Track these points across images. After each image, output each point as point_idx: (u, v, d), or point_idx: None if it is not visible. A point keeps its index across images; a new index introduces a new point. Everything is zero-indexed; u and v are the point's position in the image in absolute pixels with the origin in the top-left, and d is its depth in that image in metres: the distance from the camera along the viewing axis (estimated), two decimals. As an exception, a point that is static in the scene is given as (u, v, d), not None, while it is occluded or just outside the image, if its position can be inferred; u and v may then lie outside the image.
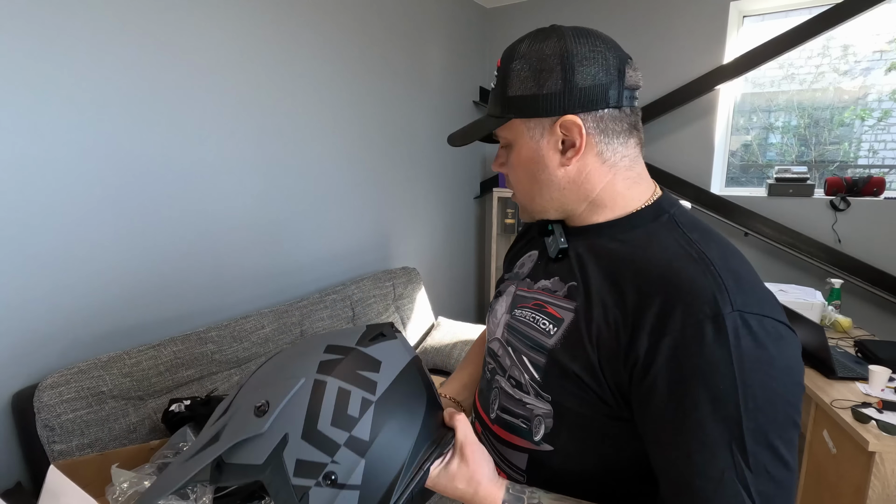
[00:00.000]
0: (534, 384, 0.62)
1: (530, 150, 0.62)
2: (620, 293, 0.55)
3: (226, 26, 1.79)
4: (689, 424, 0.48)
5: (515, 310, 0.69)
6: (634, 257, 0.57)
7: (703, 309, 0.48)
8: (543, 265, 0.69)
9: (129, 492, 1.14)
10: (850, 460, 1.43)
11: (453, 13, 3.09)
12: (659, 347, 0.49)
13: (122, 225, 1.56)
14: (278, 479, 0.48)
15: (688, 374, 0.48)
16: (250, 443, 0.49)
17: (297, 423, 0.49)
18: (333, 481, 0.48)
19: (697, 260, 0.53)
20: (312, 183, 2.23)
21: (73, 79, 1.40)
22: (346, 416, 0.49)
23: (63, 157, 1.41)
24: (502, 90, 0.62)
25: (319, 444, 0.48)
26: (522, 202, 0.68)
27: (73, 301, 1.46)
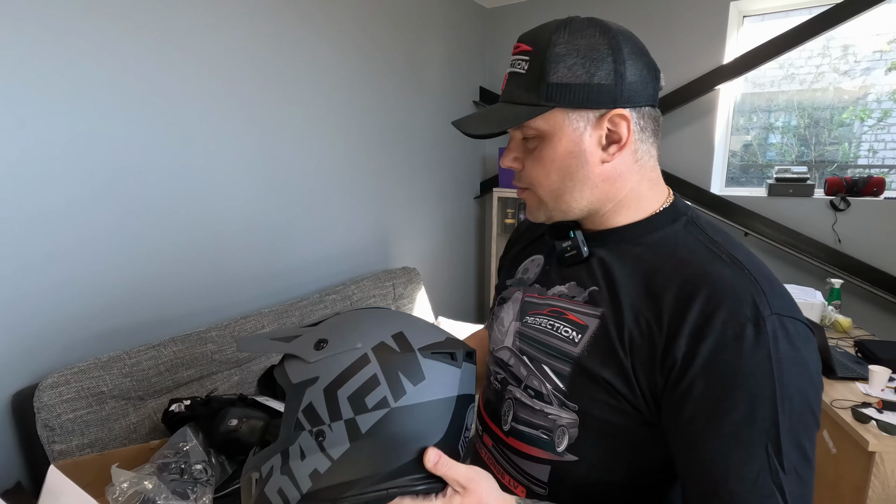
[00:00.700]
0: (558, 394, 0.59)
1: (571, 144, 0.57)
2: (655, 298, 0.54)
3: (225, 26, 1.79)
4: (727, 425, 0.48)
5: (527, 317, 0.66)
6: (665, 261, 0.56)
7: (743, 312, 0.48)
8: (556, 270, 0.66)
9: (129, 492, 1.14)
10: (850, 460, 1.43)
11: (453, 13, 3.09)
12: (698, 350, 0.49)
13: (122, 225, 1.56)
14: (294, 403, 0.53)
15: (728, 376, 0.48)
16: (299, 362, 0.54)
17: (328, 376, 0.53)
18: (321, 442, 0.52)
19: (731, 264, 0.53)
20: (312, 183, 2.23)
21: (73, 79, 1.40)
22: (361, 401, 0.52)
23: (63, 157, 1.41)
24: (539, 75, 0.56)
25: (329, 405, 0.52)
26: (546, 200, 0.61)
27: (73, 301, 1.46)
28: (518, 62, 0.58)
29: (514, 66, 0.59)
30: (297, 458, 0.52)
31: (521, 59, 0.58)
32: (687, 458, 0.51)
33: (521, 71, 0.58)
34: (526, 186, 0.63)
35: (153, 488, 1.15)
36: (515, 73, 0.58)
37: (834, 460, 1.51)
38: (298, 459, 0.52)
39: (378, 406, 0.51)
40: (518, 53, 0.59)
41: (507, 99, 0.59)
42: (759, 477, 0.47)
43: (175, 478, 1.23)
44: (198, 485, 1.23)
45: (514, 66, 0.59)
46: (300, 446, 0.52)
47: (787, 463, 0.47)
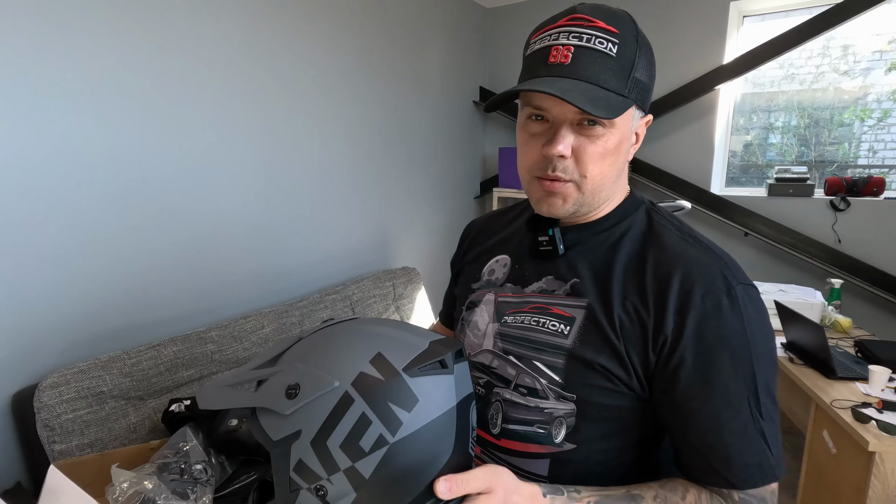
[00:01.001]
0: (554, 387, 0.60)
1: (625, 138, 0.58)
2: (637, 281, 0.58)
3: (225, 26, 1.79)
4: (716, 387, 0.54)
5: (506, 317, 0.66)
6: (639, 247, 0.61)
7: (717, 284, 0.55)
8: (531, 267, 0.67)
9: (129, 492, 1.14)
10: (850, 460, 1.43)
11: (453, 13, 3.09)
12: (685, 323, 0.54)
13: (122, 225, 1.56)
14: (282, 463, 0.48)
15: (712, 343, 0.54)
16: (273, 415, 0.49)
17: (312, 426, 0.48)
18: (322, 496, 0.48)
19: (695, 244, 0.60)
20: (312, 182, 2.23)
21: (72, 79, 1.40)
22: (356, 446, 0.47)
23: (63, 157, 1.41)
24: (629, 65, 0.54)
25: (322, 458, 0.47)
26: (587, 192, 0.59)
27: (73, 301, 1.46)
28: (599, 39, 0.53)
29: (589, 41, 0.53)
30: None
31: (605, 38, 0.53)
32: (684, 421, 0.56)
33: (609, 53, 0.53)
34: (571, 179, 0.58)
35: (153, 488, 1.15)
36: (599, 52, 0.53)
37: (834, 460, 1.51)
38: None
39: (376, 446, 0.47)
40: (593, 29, 0.53)
41: (591, 79, 0.53)
42: (746, 428, 0.53)
43: (175, 478, 1.22)
44: (198, 485, 1.23)
45: (590, 42, 0.53)
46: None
47: (764, 411, 0.54)
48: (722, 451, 0.54)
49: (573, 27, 0.54)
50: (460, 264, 0.82)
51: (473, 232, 0.83)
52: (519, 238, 0.72)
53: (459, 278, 0.81)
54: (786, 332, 1.97)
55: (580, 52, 0.53)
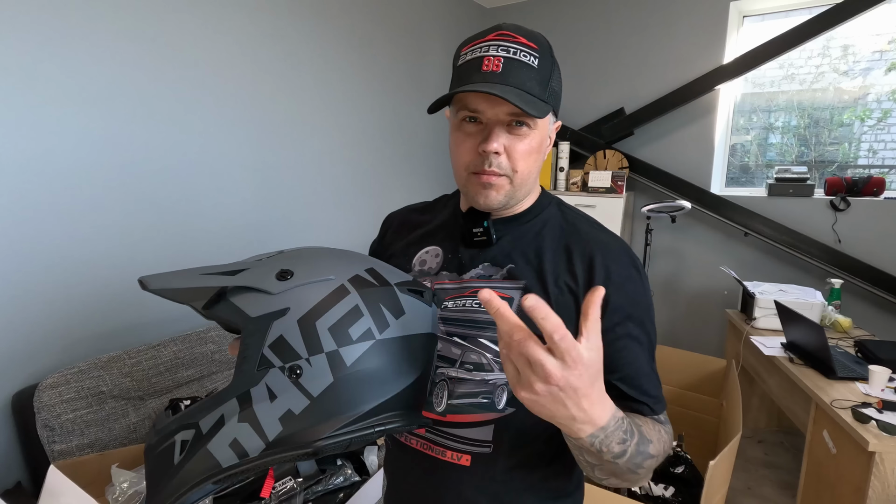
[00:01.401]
0: (498, 359, 0.67)
1: (544, 139, 0.68)
2: (567, 263, 0.69)
3: (224, 25, 1.79)
4: (635, 338, 0.67)
5: (445, 303, 0.72)
6: (562, 235, 0.72)
7: (625, 261, 0.69)
8: (467, 256, 0.74)
9: (129, 492, 1.14)
10: (850, 460, 1.43)
11: (453, 13, 3.09)
12: (609, 291, 0.64)
13: (122, 225, 1.56)
14: (256, 339, 0.47)
15: (631, 304, 0.67)
16: (256, 294, 0.49)
17: (302, 306, 0.48)
18: (296, 377, 0.47)
19: (603, 230, 0.73)
20: (312, 182, 2.23)
21: (73, 80, 1.40)
22: (344, 332, 0.48)
23: (62, 158, 1.41)
24: (547, 76, 0.64)
25: (307, 337, 0.47)
26: (517, 186, 0.68)
27: (73, 301, 1.46)
28: (524, 52, 0.62)
29: (515, 54, 0.62)
30: (263, 401, 0.46)
31: (528, 51, 0.62)
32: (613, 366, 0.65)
33: (531, 64, 0.62)
34: (504, 173, 0.66)
35: (153, 488, 1.15)
36: (524, 63, 0.62)
37: (834, 460, 1.51)
38: (266, 402, 0.46)
39: (363, 338, 0.49)
40: (518, 44, 0.62)
41: (520, 85, 0.62)
42: (651, 369, 0.69)
43: (175, 478, 1.22)
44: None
45: (517, 55, 0.62)
46: (267, 386, 0.46)
47: (654, 355, 0.70)
48: (642, 388, 0.67)
49: (501, 41, 0.63)
50: (385, 256, 0.85)
51: (394, 224, 0.87)
52: (448, 230, 0.79)
53: None
54: (786, 332, 1.97)
55: (509, 62, 0.62)
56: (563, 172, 2.99)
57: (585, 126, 3.14)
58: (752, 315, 2.27)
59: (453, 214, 0.79)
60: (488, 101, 0.62)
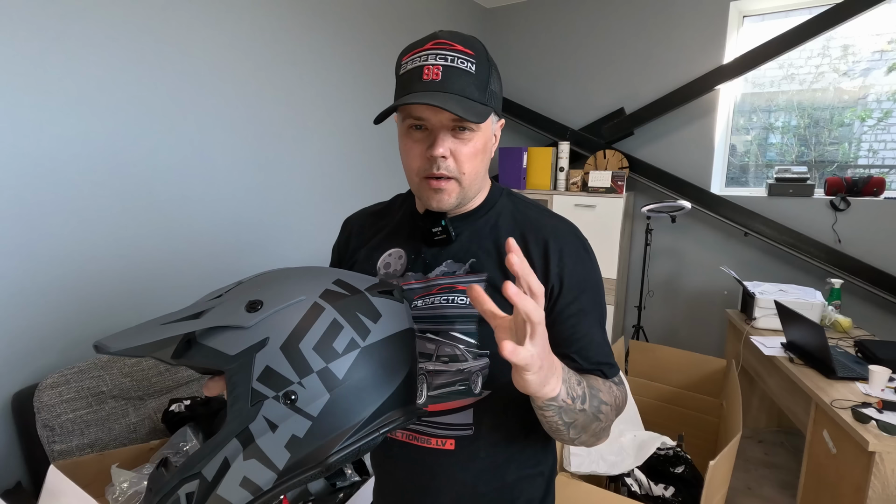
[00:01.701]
0: (471, 348, 0.72)
1: (488, 139, 0.72)
2: (524, 249, 0.73)
3: (224, 25, 1.79)
4: (586, 312, 0.73)
5: (415, 301, 0.76)
6: (514, 224, 0.76)
7: (574, 242, 0.75)
8: (429, 255, 0.77)
9: (129, 492, 1.14)
10: (850, 460, 1.43)
11: (453, 13, 3.09)
12: (563, 271, 0.72)
13: (122, 225, 1.56)
14: (242, 376, 0.47)
15: (582, 282, 0.73)
16: (230, 332, 0.48)
17: (281, 333, 0.48)
18: (292, 402, 0.47)
19: (552, 215, 0.78)
20: (311, 182, 2.23)
21: (73, 80, 1.40)
22: (329, 348, 0.49)
23: (63, 159, 1.41)
24: (486, 80, 0.67)
25: (294, 362, 0.47)
26: (466, 187, 0.72)
27: (73, 301, 1.46)
28: (461, 59, 0.66)
29: (453, 62, 0.65)
30: (265, 434, 0.46)
31: (465, 58, 0.66)
32: (569, 340, 0.71)
33: (469, 70, 0.66)
34: (452, 176, 0.69)
35: (153, 488, 1.15)
36: (463, 70, 0.66)
37: (834, 460, 1.51)
38: (268, 434, 0.46)
39: (349, 349, 0.50)
40: (455, 51, 0.66)
41: (459, 92, 0.65)
42: (602, 339, 0.74)
43: (175, 478, 1.22)
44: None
45: (454, 63, 0.65)
46: (265, 418, 0.46)
47: (604, 325, 0.75)
48: (595, 358, 0.72)
49: (439, 50, 0.65)
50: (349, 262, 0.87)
51: (354, 228, 0.91)
52: (407, 232, 0.81)
53: None
54: (786, 332, 1.97)
55: (448, 70, 0.65)
56: (563, 172, 2.98)
57: (585, 126, 3.14)
58: (752, 315, 2.27)
59: (410, 216, 0.83)
60: (431, 109, 0.65)
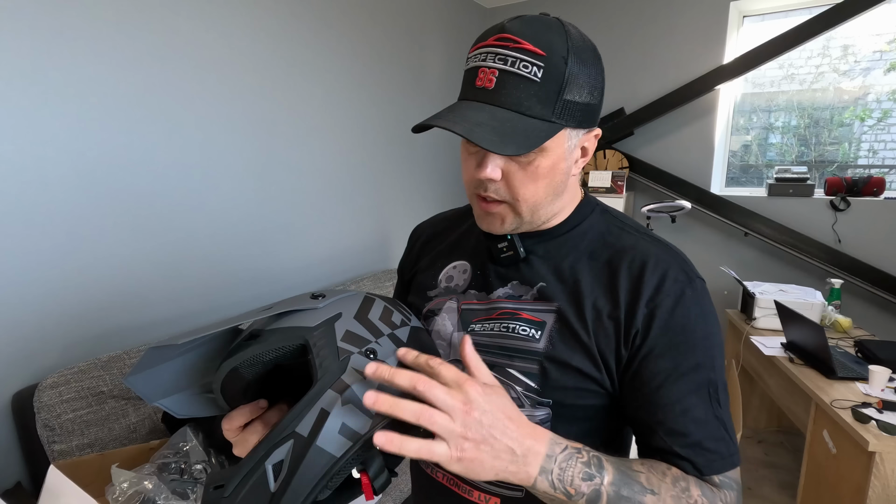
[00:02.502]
0: (530, 393, 0.60)
1: (561, 160, 0.57)
2: (607, 280, 0.59)
3: (224, 27, 1.79)
4: (682, 374, 0.56)
5: (472, 325, 0.65)
6: (601, 247, 0.62)
7: (680, 279, 0.58)
8: (493, 273, 0.65)
9: (129, 492, 1.14)
10: (850, 460, 1.43)
11: (453, 13, 3.09)
12: (654, 317, 0.56)
13: (122, 225, 1.56)
14: (326, 339, 0.50)
15: (678, 333, 0.56)
16: (303, 313, 0.52)
17: (350, 309, 0.53)
18: (374, 355, 0.50)
19: (654, 241, 0.62)
20: (312, 183, 2.23)
21: (73, 80, 1.40)
22: (389, 321, 0.55)
23: (63, 158, 1.41)
24: (556, 90, 0.52)
25: (368, 326, 0.52)
26: (524, 213, 0.59)
27: (73, 301, 1.46)
28: (524, 63, 0.51)
29: (514, 65, 0.51)
30: (357, 381, 0.48)
31: (530, 61, 0.51)
32: (652, 410, 0.57)
33: (533, 78, 0.51)
34: (504, 200, 0.58)
35: (153, 488, 1.15)
36: (523, 77, 0.51)
37: (834, 460, 1.51)
38: (360, 381, 0.48)
39: (402, 324, 0.56)
40: (519, 51, 0.51)
41: (513, 106, 0.52)
42: (708, 416, 0.56)
43: (175, 478, 1.23)
44: (198, 485, 1.23)
45: (515, 66, 0.51)
46: (354, 369, 0.49)
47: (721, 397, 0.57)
48: (689, 439, 0.55)
49: (499, 48, 0.52)
50: (411, 272, 0.78)
51: (423, 237, 0.80)
52: (475, 243, 0.70)
53: (412, 285, 0.77)
54: (786, 332, 1.97)
55: (504, 76, 0.52)
56: (563, 172, 2.98)
57: (585, 126, 3.14)
58: (752, 315, 2.27)
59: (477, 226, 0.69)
60: None
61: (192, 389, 0.55)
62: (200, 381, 0.55)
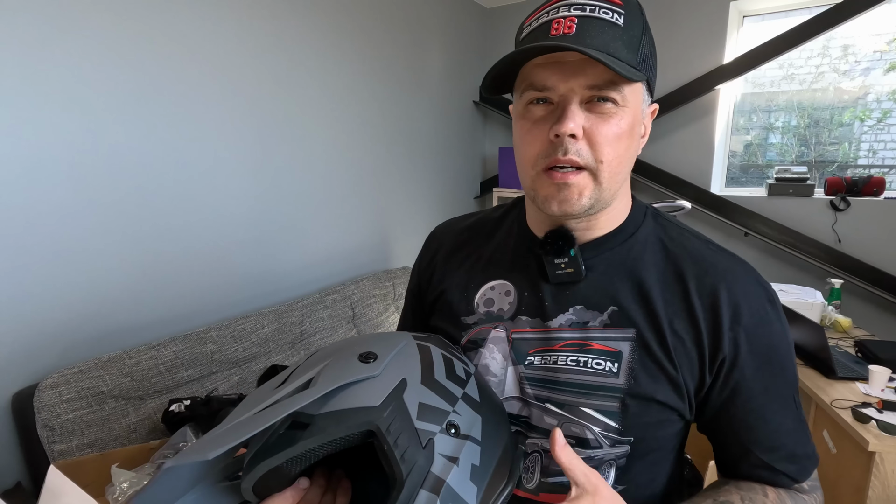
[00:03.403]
0: (609, 433, 0.54)
1: (637, 121, 0.52)
2: (681, 298, 0.54)
3: (225, 26, 1.79)
4: (772, 394, 0.54)
5: (530, 358, 0.57)
6: (666, 258, 0.56)
7: (759, 294, 0.54)
8: (549, 295, 0.57)
9: (129, 492, 1.14)
10: (850, 460, 1.43)
11: (453, 13, 3.09)
12: (740, 339, 0.53)
13: (122, 225, 1.55)
14: (400, 421, 0.40)
15: (765, 352, 0.54)
16: (359, 386, 0.41)
17: (413, 371, 0.44)
18: (457, 431, 0.42)
19: (720, 251, 0.57)
20: (312, 183, 2.23)
21: (72, 79, 1.40)
22: (455, 376, 0.47)
23: (63, 158, 1.41)
24: (638, 37, 0.49)
25: (440, 392, 0.44)
26: (604, 181, 0.51)
27: (73, 301, 1.46)
28: (604, 9, 0.48)
29: (594, 11, 0.48)
30: (450, 471, 0.40)
31: (611, 7, 0.48)
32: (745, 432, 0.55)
33: (616, 22, 0.48)
34: (583, 165, 0.50)
35: (153, 488, 1.15)
36: (607, 22, 0.48)
37: (834, 460, 1.51)
38: (454, 469, 0.40)
39: (467, 376, 0.48)
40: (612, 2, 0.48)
41: (601, 47, 0.47)
42: (797, 426, 0.56)
43: (175, 478, 1.22)
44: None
45: (595, 12, 0.48)
46: (441, 456, 0.40)
47: (799, 401, 0.57)
48: (783, 452, 0.55)
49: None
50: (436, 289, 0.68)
51: (445, 245, 0.70)
52: (514, 258, 0.62)
53: (437, 307, 0.67)
54: (786, 332, 1.96)
55: (585, 21, 0.47)
56: (563, 172, 2.98)
57: (585, 126, 3.14)
58: (752, 315, 2.26)
59: (521, 237, 0.62)
60: (561, 73, 0.48)
61: (208, 480, 0.43)
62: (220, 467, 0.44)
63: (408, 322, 0.76)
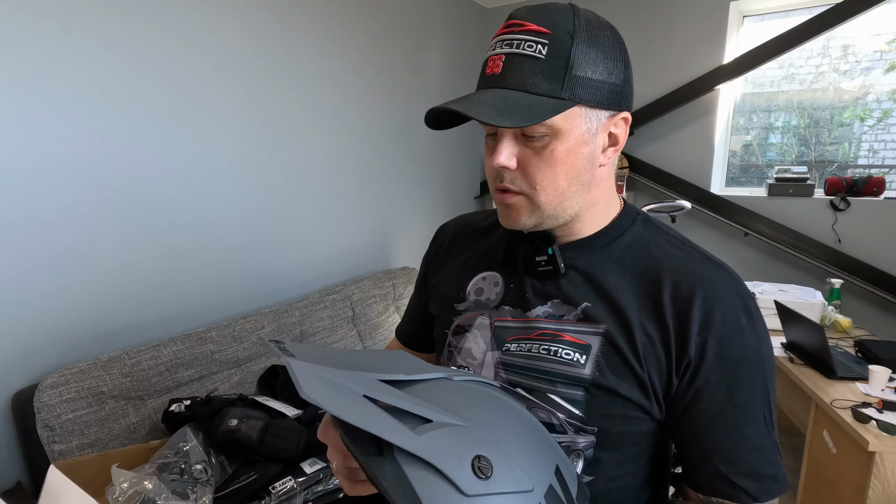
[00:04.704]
0: (573, 420, 0.57)
1: (582, 144, 0.54)
2: (653, 302, 0.56)
3: (226, 27, 1.79)
4: (738, 405, 0.54)
5: (507, 344, 0.61)
6: (646, 264, 0.58)
7: (734, 302, 0.54)
8: (531, 288, 0.61)
9: (129, 492, 1.14)
10: (850, 460, 1.43)
11: (453, 13, 3.09)
12: (707, 344, 0.54)
13: (122, 225, 1.56)
14: None
15: (734, 362, 0.54)
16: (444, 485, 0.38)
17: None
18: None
19: (704, 260, 0.58)
20: (313, 183, 2.23)
21: (73, 79, 1.40)
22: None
23: (63, 158, 1.41)
24: (563, 65, 0.50)
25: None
26: (544, 205, 0.55)
27: (73, 301, 1.46)
28: (528, 43, 0.51)
29: (518, 46, 0.51)
30: None
31: (534, 40, 0.50)
32: (706, 440, 0.56)
33: (537, 55, 0.50)
34: (520, 191, 0.55)
35: (153, 488, 1.15)
36: (527, 56, 0.51)
37: (834, 460, 1.51)
38: None
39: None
40: (523, 32, 0.51)
41: (519, 86, 0.51)
42: (764, 443, 0.55)
43: (175, 478, 1.22)
44: (198, 485, 1.23)
45: (519, 48, 0.51)
46: None
47: (773, 418, 0.56)
48: (743, 467, 0.55)
49: (507, 35, 0.52)
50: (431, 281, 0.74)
51: (448, 237, 0.76)
52: (507, 253, 0.66)
53: (433, 292, 0.73)
54: (786, 332, 1.97)
55: (509, 59, 0.52)
56: (563, 172, 2.98)
57: (585, 126, 3.14)
58: (752, 315, 2.26)
59: (511, 235, 0.66)
60: None
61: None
62: None
63: (415, 309, 0.82)
